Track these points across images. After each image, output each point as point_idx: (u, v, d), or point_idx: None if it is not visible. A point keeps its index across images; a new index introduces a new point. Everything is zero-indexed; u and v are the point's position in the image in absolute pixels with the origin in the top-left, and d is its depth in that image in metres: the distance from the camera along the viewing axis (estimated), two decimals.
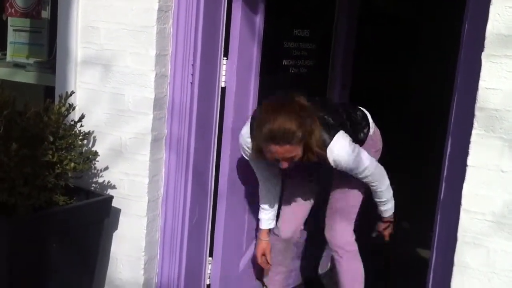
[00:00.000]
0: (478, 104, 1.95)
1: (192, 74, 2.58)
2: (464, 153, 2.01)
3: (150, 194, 2.60)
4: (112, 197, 2.55)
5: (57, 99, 2.48)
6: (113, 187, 2.62)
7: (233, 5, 2.64)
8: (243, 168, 2.84)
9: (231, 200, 2.82)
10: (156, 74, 2.50)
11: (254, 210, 2.93)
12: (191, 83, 2.59)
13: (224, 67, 2.72)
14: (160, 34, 2.49)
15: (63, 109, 2.34)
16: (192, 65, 2.57)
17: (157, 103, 2.54)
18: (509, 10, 1.86)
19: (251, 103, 2.82)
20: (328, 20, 3.32)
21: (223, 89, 2.74)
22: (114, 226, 2.65)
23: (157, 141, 2.59)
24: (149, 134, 2.53)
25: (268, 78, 2.92)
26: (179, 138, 2.62)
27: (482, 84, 1.94)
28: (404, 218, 4.52)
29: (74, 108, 2.46)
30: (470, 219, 2.03)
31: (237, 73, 2.71)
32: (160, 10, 2.46)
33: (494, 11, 1.88)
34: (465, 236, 2.04)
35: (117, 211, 2.62)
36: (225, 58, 2.71)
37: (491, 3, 1.87)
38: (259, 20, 2.75)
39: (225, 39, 2.69)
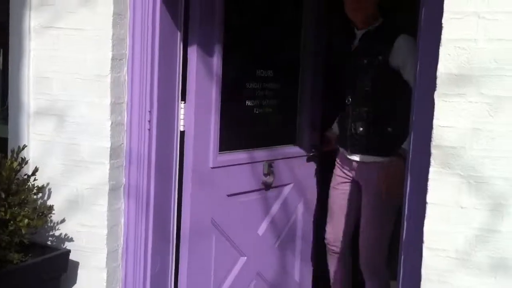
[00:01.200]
0: (434, 142, 1.97)
1: (149, 121, 2.55)
2: (424, 190, 2.02)
3: (109, 245, 2.53)
4: (69, 251, 2.48)
5: (9, 153, 2.41)
6: (71, 239, 2.55)
7: (189, 48, 2.64)
8: (206, 213, 2.80)
9: (195, 246, 2.77)
10: (112, 123, 2.47)
11: (221, 252, 2.88)
12: (149, 129, 2.56)
13: (182, 111, 2.70)
14: (115, 82, 2.46)
15: (15, 164, 2.27)
16: (149, 111, 2.55)
17: (114, 152, 2.50)
18: (458, 50, 1.89)
19: (212, 146, 2.79)
20: (293, 59, 3.24)
21: (182, 133, 2.72)
22: (73, 280, 2.56)
23: (115, 191, 2.53)
24: (107, 183, 2.48)
25: (231, 120, 2.90)
26: (138, 186, 2.57)
27: (436, 122, 1.96)
28: None
29: (26, 162, 2.39)
30: (433, 256, 2.02)
31: (195, 117, 2.69)
32: (114, 58, 2.44)
33: (444, 51, 1.91)
34: (429, 274, 2.03)
35: (76, 265, 2.54)
36: (183, 102, 2.69)
37: (441, 44, 1.91)
38: (216, 62, 2.74)
39: (182, 82, 2.68)
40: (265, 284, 3.15)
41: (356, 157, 2.96)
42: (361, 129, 2.88)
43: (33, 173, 2.39)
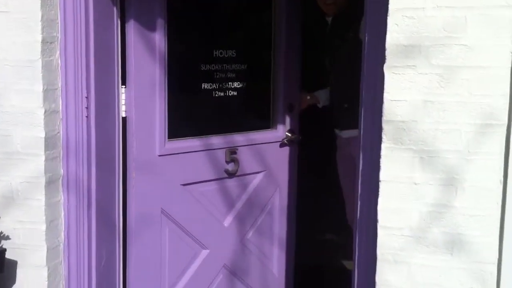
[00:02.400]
0: (384, 117, 1.92)
1: (87, 107, 2.41)
2: (377, 168, 1.97)
3: (49, 242, 2.38)
4: (4, 249, 2.32)
5: None
6: (7, 237, 2.38)
7: (127, 25, 2.48)
8: (154, 204, 2.67)
9: (143, 238, 2.65)
10: (45, 111, 2.31)
11: (177, 245, 2.76)
12: (87, 116, 2.41)
13: (123, 96, 2.55)
14: (47, 67, 2.30)
15: None
16: (86, 97, 2.40)
17: (49, 142, 2.34)
18: (406, 20, 1.84)
19: (158, 132, 2.65)
20: (263, 37, 3.01)
21: (124, 119, 2.57)
22: (11, 280, 2.40)
23: (53, 183, 2.38)
24: (43, 176, 2.33)
25: (183, 104, 2.76)
26: (78, 177, 2.43)
27: (386, 96, 1.90)
28: (330, 229, 4.49)
29: None
30: (387, 235, 1.98)
31: (136, 101, 2.56)
32: (44, 42, 2.28)
33: (392, 21, 1.85)
34: (385, 254, 1.99)
35: (13, 264, 2.38)
36: (124, 86, 2.55)
37: (388, 14, 1.84)
38: (159, 40, 2.58)
39: (122, 64, 2.53)
40: (235, 278, 3.02)
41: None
42: (345, 105, 3.18)
43: None
